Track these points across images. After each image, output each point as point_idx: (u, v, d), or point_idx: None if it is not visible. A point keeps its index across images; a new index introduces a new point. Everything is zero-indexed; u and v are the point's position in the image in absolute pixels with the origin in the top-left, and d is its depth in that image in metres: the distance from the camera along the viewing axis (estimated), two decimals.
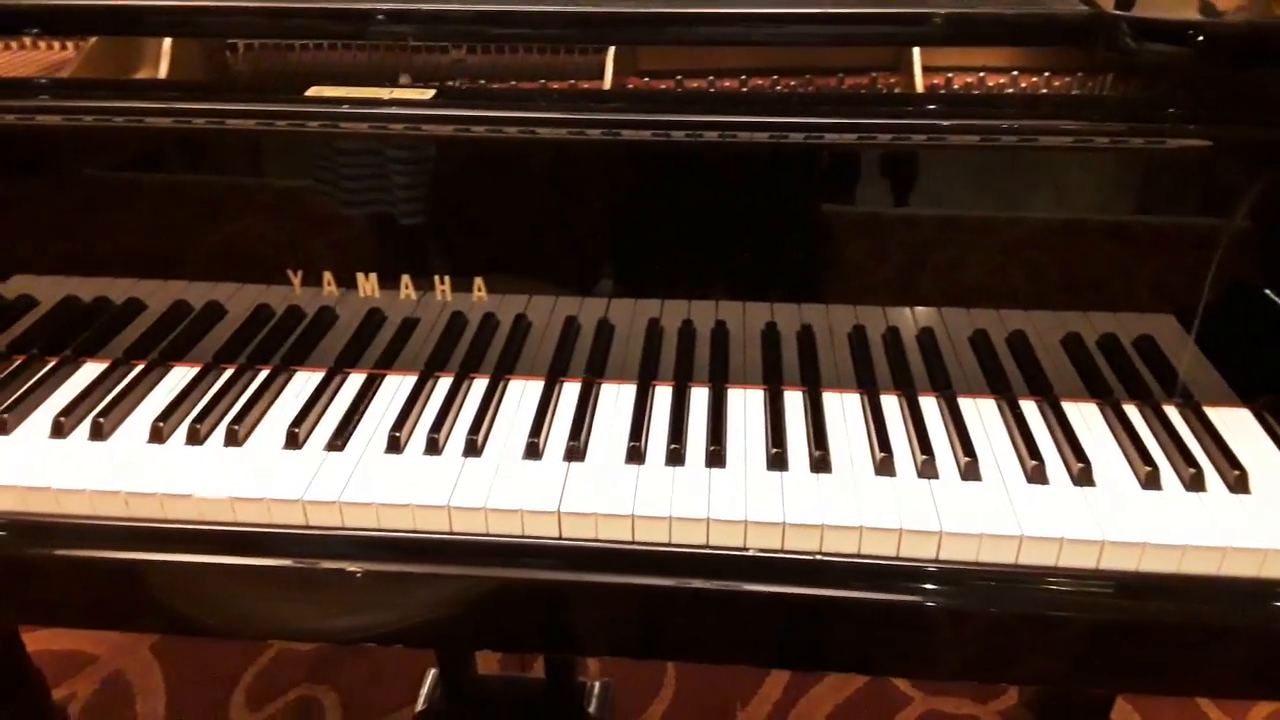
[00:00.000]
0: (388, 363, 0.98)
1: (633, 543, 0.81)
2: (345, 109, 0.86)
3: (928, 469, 0.84)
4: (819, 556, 0.79)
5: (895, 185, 0.92)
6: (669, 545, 0.81)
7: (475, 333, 0.98)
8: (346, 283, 0.95)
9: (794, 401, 0.93)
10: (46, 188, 0.97)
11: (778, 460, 0.85)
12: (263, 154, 0.92)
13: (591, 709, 1.46)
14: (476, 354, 0.98)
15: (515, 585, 0.84)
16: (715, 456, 0.85)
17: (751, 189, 0.92)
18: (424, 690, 1.50)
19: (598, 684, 1.50)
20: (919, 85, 1.00)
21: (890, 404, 0.92)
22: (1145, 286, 0.93)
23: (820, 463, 0.84)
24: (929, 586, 0.80)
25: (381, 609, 0.88)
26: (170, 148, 0.95)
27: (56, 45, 1.18)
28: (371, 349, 0.99)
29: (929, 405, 0.92)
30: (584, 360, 0.98)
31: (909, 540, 0.78)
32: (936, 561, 0.79)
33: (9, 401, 0.91)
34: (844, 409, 0.92)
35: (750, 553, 0.80)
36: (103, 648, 1.78)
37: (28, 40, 1.17)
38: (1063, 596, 0.79)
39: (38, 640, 1.71)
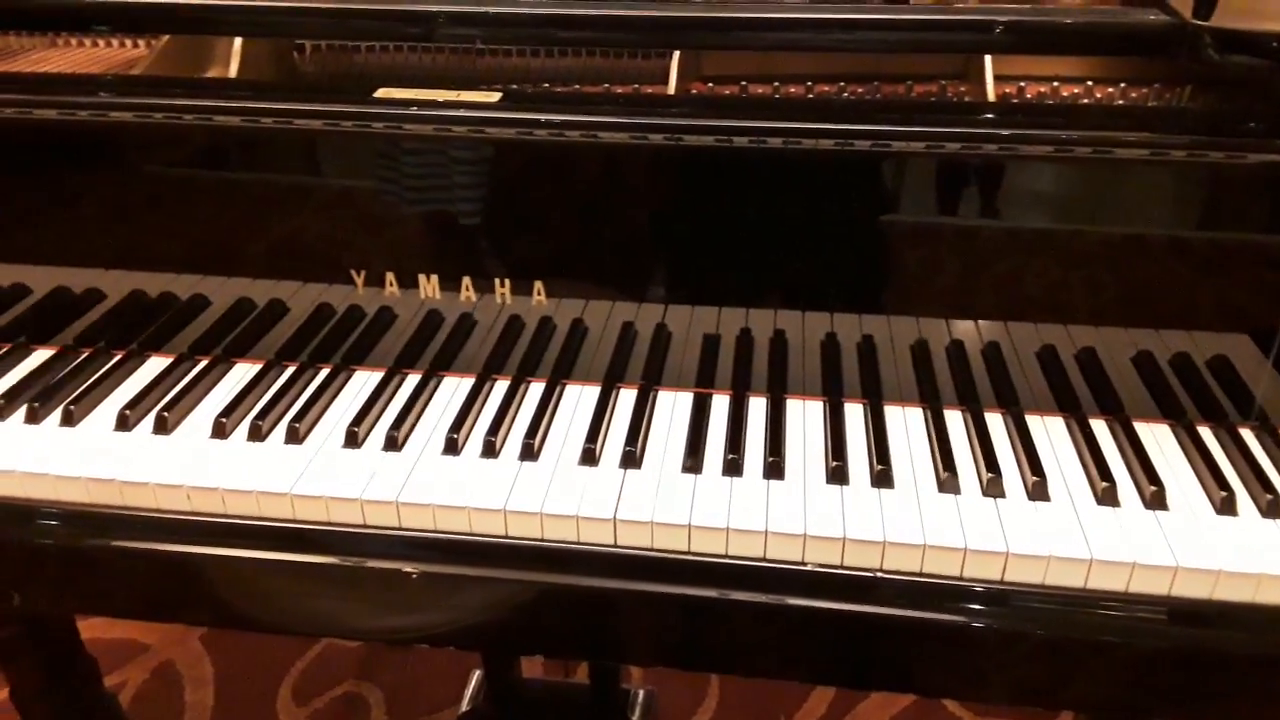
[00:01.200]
0: (445, 364, 0.99)
1: (688, 553, 0.81)
2: (413, 110, 0.86)
3: (994, 487, 0.82)
4: (878, 574, 0.78)
5: (963, 196, 0.90)
6: (725, 557, 0.80)
7: (533, 336, 0.98)
8: (408, 283, 0.95)
9: (854, 414, 0.92)
10: (116, 184, 0.99)
11: (838, 474, 0.83)
12: (329, 154, 0.92)
13: (635, 717, 1.46)
14: (533, 358, 0.98)
15: (567, 591, 0.83)
16: (774, 468, 0.84)
17: (815, 197, 0.91)
18: (468, 691, 1.51)
19: (641, 692, 1.49)
20: (991, 94, 0.98)
21: (954, 419, 0.90)
22: (1220, 305, 0.90)
23: (882, 477, 0.83)
24: (987, 608, 0.78)
25: (432, 610, 0.88)
26: (238, 146, 0.96)
27: (129, 43, 1.21)
28: (429, 350, 0.99)
29: (994, 421, 0.90)
30: (641, 366, 0.97)
31: (974, 560, 0.76)
32: (1000, 583, 0.77)
33: (76, 394, 0.93)
34: (906, 423, 0.91)
35: (808, 567, 0.78)
36: (154, 637, 1.81)
37: (100, 39, 1.20)
38: (1127, 622, 0.77)
39: (91, 628, 1.74)
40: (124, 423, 0.90)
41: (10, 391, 0.93)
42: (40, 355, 1.01)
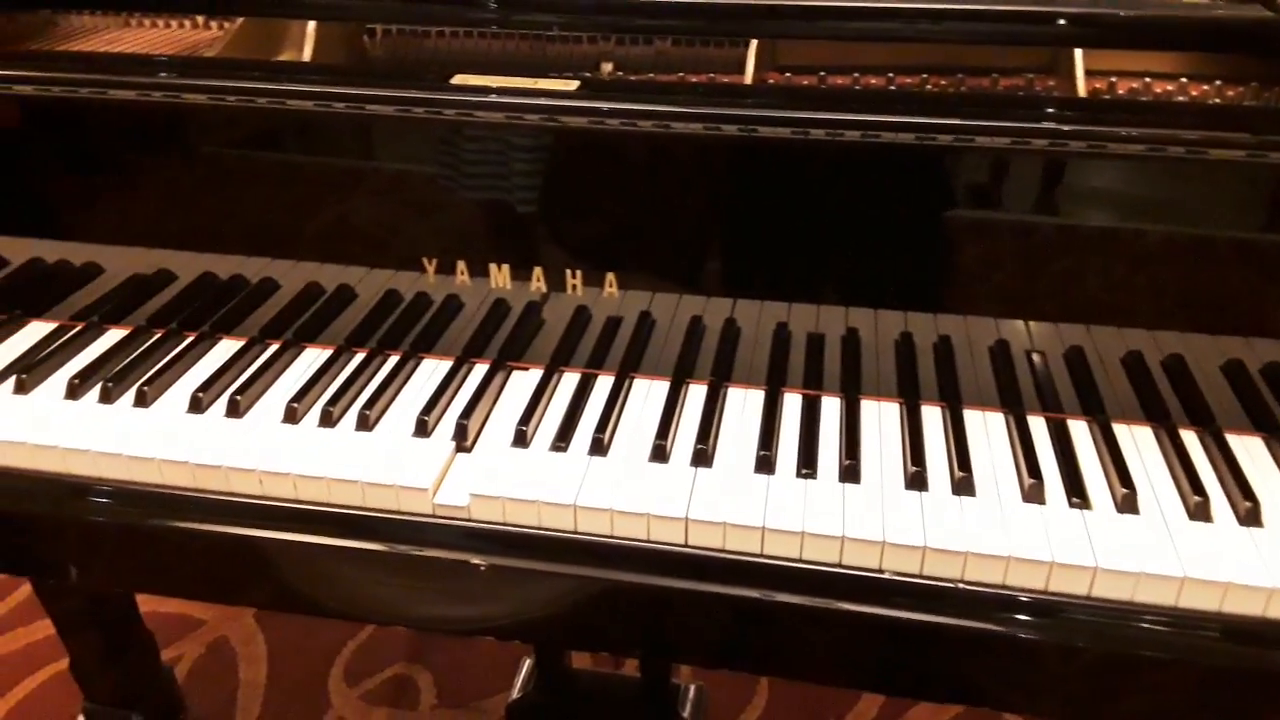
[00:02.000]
0: (513, 355, 0.98)
1: (760, 555, 0.79)
2: (492, 98, 0.85)
3: (1080, 498, 0.79)
4: (959, 585, 0.76)
5: (1048, 193, 0.87)
6: (799, 561, 0.78)
7: (601, 329, 0.97)
8: (479, 272, 0.94)
9: (932, 417, 0.89)
10: (189, 166, 0.99)
11: (917, 479, 0.81)
12: (404, 140, 0.92)
13: (685, 713, 1.45)
14: (601, 351, 0.97)
15: (634, 590, 0.82)
16: (850, 471, 0.82)
17: (894, 192, 0.88)
18: (519, 679, 1.50)
19: (692, 687, 1.48)
20: (1081, 89, 0.95)
21: (1037, 425, 0.88)
22: None
23: (963, 484, 0.80)
24: (1075, 619, 0.75)
25: (496, 603, 0.87)
26: (311, 130, 0.96)
27: (201, 24, 1.21)
28: (495, 340, 0.98)
29: (1079, 429, 0.87)
30: (710, 362, 0.95)
31: (1060, 574, 0.73)
32: (1087, 599, 0.74)
33: (148, 375, 0.93)
34: (986, 428, 0.88)
35: (886, 575, 0.76)
36: (209, 613, 1.83)
37: (172, 20, 1.20)
38: (1211, 643, 0.74)
39: (147, 602, 1.76)
40: (197, 405, 0.90)
41: (84, 371, 0.94)
42: (113, 335, 1.01)
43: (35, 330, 1.02)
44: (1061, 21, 0.91)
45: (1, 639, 1.80)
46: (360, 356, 0.97)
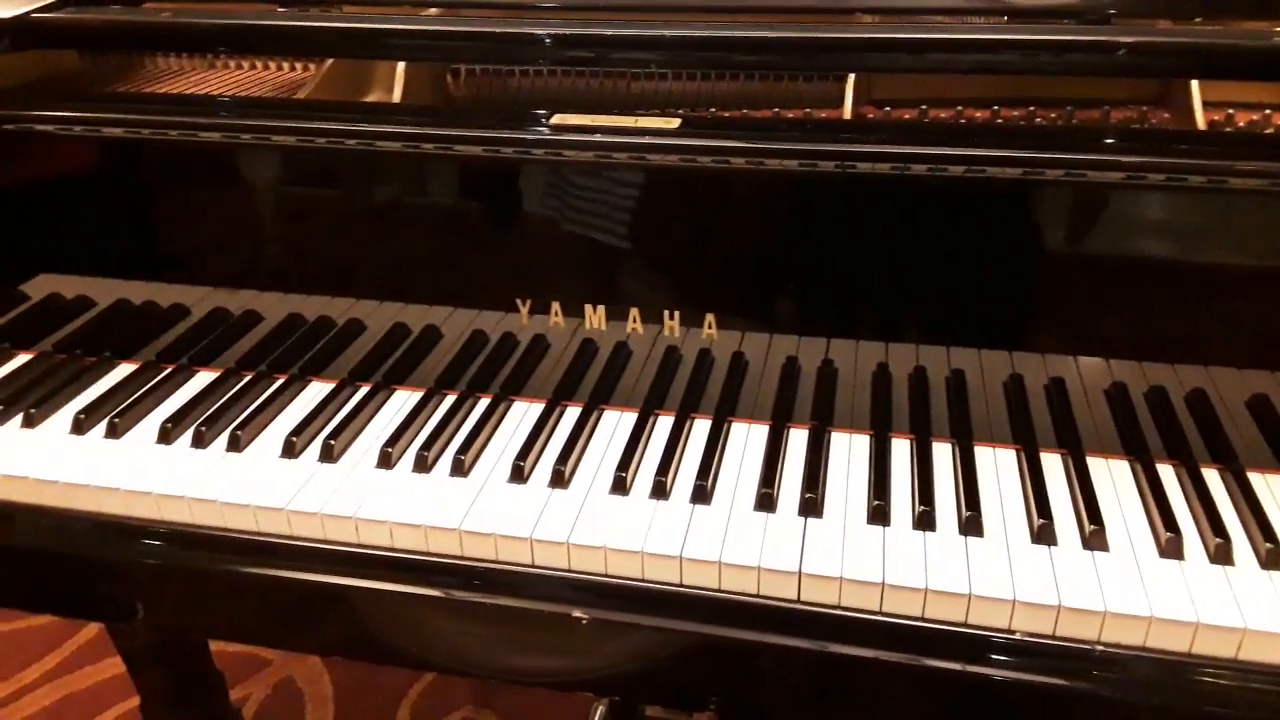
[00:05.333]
0: (604, 397, 0.95)
1: (878, 613, 0.75)
2: (598, 137, 0.83)
3: (1222, 553, 0.74)
4: (1096, 647, 0.71)
5: (1159, 230, 0.83)
6: (919, 620, 0.74)
7: (693, 370, 0.94)
8: (573, 313, 0.92)
9: (1053, 465, 0.85)
10: (275, 207, 0.99)
11: (1044, 533, 0.77)
12: (500, 181, 0.90)
13: None
14: (695, 392, 0.94)
15: (738, 646, 0.79)
16: (972, 524, 0.78)
17: (998, 229, 0.85)
18: None
19: None
20: (1200, 121, 0.91)
21: (1167, 474, 0.83)
22: None
23: (1095, 538, 0.76)
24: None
25: (590, 656, 0.84)
26: (398, 172, 0.94)
27: (285, 66, 1.21)
28: (586, 382, 0.96)
29: (1212, 478, 0.83)
30: (809, 405, 0.92)
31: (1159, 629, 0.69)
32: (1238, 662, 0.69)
33: (242, 418, 0.92)
34: (1112, 475, 0.84)
35: (1017, 636, 0.72)
36: (275, 653, 1.81)
37: (257, 62, 1.21)
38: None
39: (214, 642, 1.75)
40: (290, 450, 0.88)
41: (176, 415, 0.93)
42: (202, 378, 1.00)
43: (123, 372, 1.02)
44: (1181, 54, 0.88)
45: (70, 678, 1.79)
46: (451, 399, 0.95)
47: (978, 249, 0.86)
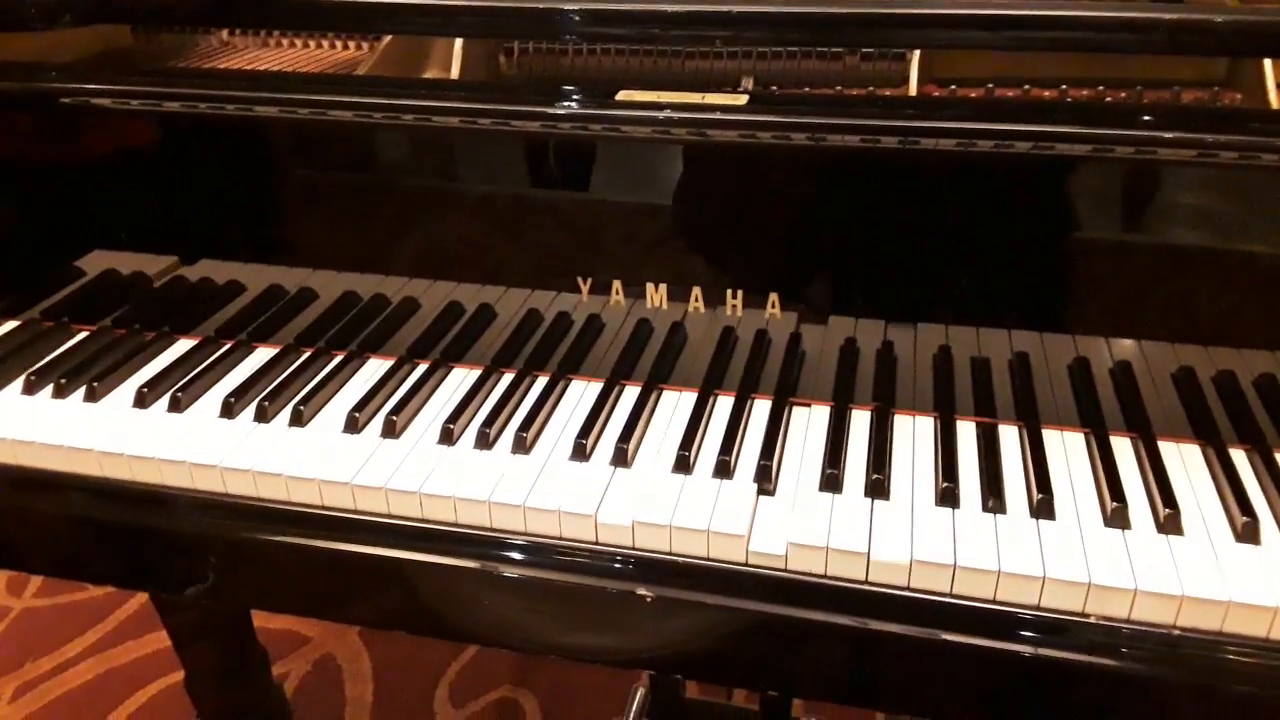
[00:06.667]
0: (663, 377, 0.95)
1: (949, 595, 0.74)
2: (667, 114, 0.82)
3: None
4: (1174, 631, 0.70)
5: (1233, 212, 0.82)
6: (990, 602, 0.73)
7: (750, 350, 0.93)
8: (635, 293, 0.92)
9: (1123, 448, 0.84)
10: (331, 185, 0.99)
11: (1118, 516, 0.76)
12: (564, 159, 0.89)
13: None
14: (754, 372, 0.93)
15: (802, 627, 0.78)
16: (1044, 507, 0.77)
17: (1067, 208, 0.84)
18: (631, 707, 1.46)
19: None
20: (1274, 100, 0.89)
21: (1239, 459, 0.82)
22: None
23: (1170, 522, 0.75)
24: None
25: (648, 634, 0.84)
26: (460, 151, 0.94)
27: (339, 44, 1.21)
28: (643, 361, 0.95)
29: None
30: (870, 386, 0.91)
31: None
32: None
33: (303, 393, 0.92)
34: (1183, 459, 0.83)
35: (1091, 620, 0.71)
36: (315, 630, 1.83)
37: (311, 40, 1.20)
38: None
39: (255, 617, 1.77)
40: (353, 425, 0.88)
41: (239, 389, 0.93)
42: (261, 354, 1.01)
43: (183, 347, 1.02)
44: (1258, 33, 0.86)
45: (112, 652, 1.82)
46: (509, 377, 0.95)
47: (1043, 230, 0.85)
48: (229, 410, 0.91)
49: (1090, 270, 0.85)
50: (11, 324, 1.08)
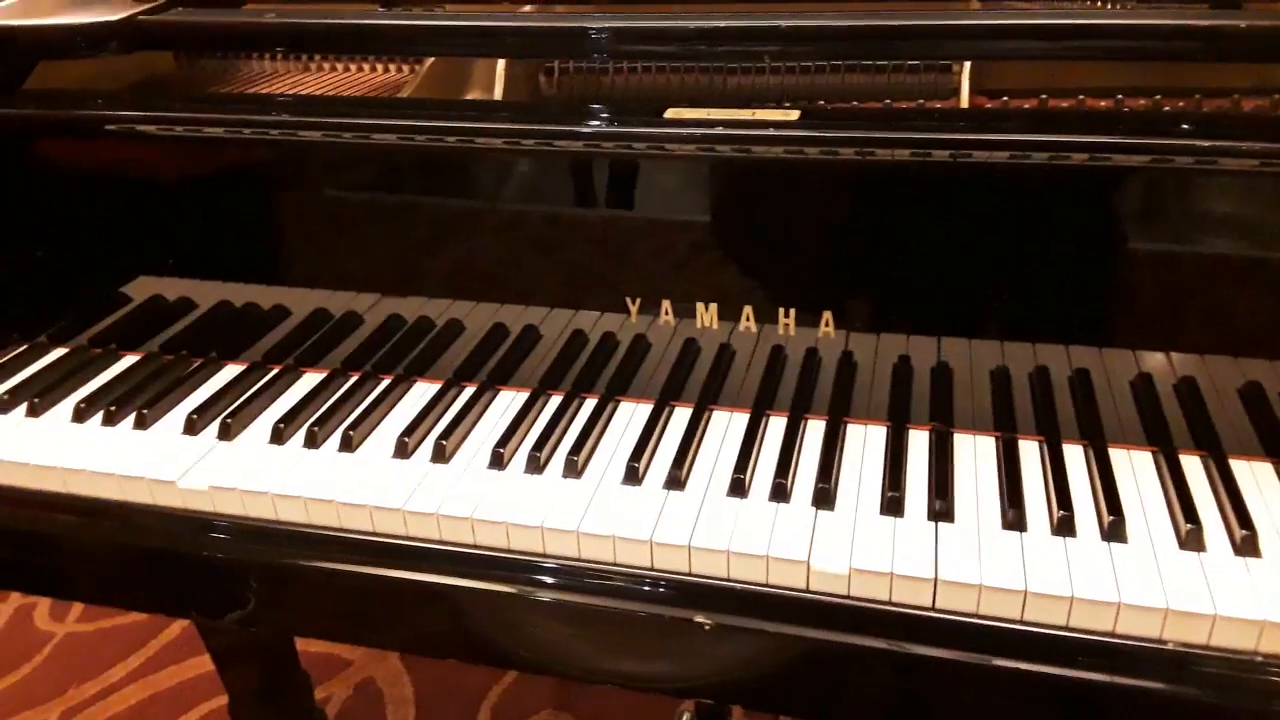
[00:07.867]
0: (711, 398, 0.93)
1: (1019, 622, 0.72)
2: (719, 131, 0.81)
3: None
4: (1257, 658, 0.68)
5: None
6: (1064, 630, 0.71)
7: (801, 370, 0.92)
8: (684, 313, 0.90)
9: (1193, 466, 0.82)
10: (376, 208, 0.98)
11: (1193, 538, 0.73)
12: (614, 178, 0.88)
13: None
14: (806, 392, 0.91)
15: (862, 654, 0.76)
16: (1115, 529, 0.75)
17: (1126, 222, 0.82)
18: None
19: None
20: None
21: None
22: None
23: (1246, 543, 0.72)
24: None
25: (697, 660, 0.82)
26: (503, 171, 0.93)
27: (379, 68, 1.21)
28: (692, 382, 0.94)
29: None
30: (926, 406, 0.89)
31: None
32: None
33: (352, 418, 0.92)
34: (1255, 477, 0.80)
35: (1169, 647, 0.69)
36: (356, 653, 1.82)
37: (350, 64, 1.21)
38: None
39: (297, 642, 1.76)
40: (403, 450, 0.88)
41: (288, 415, 0.93)
42: (310, 379, 1.00)
43: (231, 373, 1.02)
44: None
45: (156, 676, 1.82)
46: (557, 400, 0.94)
47: (1098, 243, 0.83)
48: (279, 436, 0.90)
49: (1150, 283, 0.83)
50: (60, 351, 1.08)
